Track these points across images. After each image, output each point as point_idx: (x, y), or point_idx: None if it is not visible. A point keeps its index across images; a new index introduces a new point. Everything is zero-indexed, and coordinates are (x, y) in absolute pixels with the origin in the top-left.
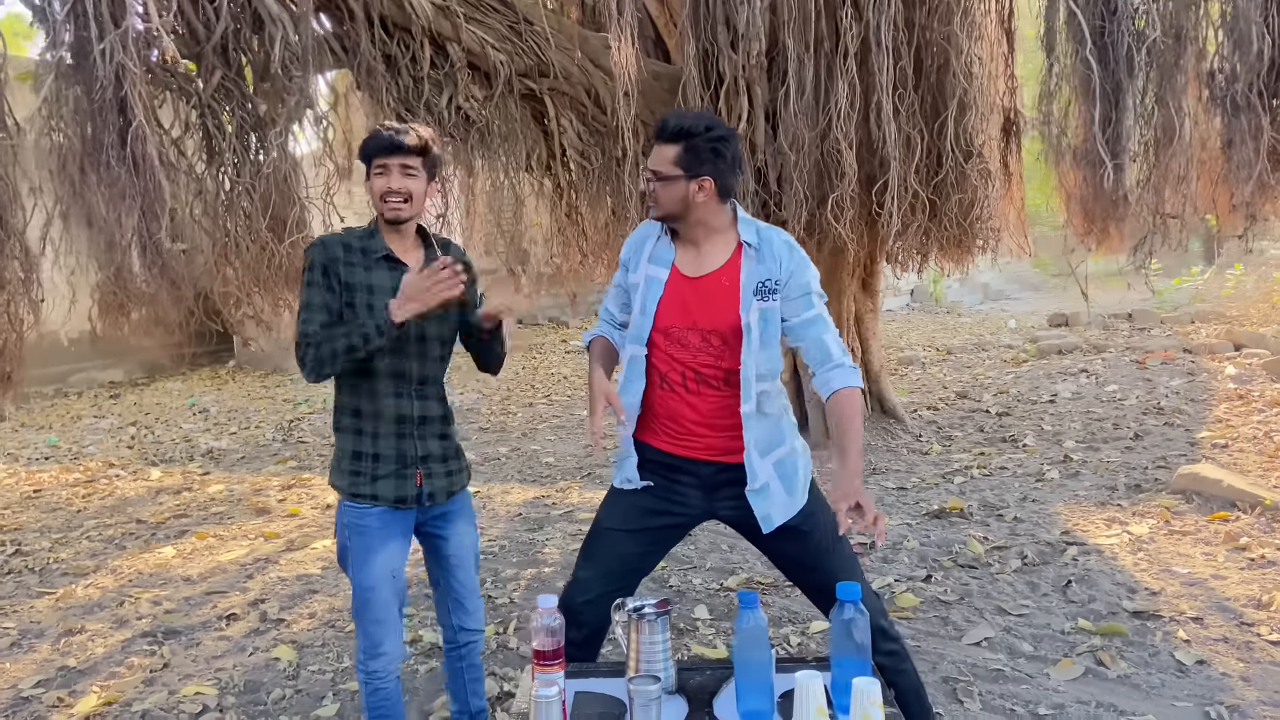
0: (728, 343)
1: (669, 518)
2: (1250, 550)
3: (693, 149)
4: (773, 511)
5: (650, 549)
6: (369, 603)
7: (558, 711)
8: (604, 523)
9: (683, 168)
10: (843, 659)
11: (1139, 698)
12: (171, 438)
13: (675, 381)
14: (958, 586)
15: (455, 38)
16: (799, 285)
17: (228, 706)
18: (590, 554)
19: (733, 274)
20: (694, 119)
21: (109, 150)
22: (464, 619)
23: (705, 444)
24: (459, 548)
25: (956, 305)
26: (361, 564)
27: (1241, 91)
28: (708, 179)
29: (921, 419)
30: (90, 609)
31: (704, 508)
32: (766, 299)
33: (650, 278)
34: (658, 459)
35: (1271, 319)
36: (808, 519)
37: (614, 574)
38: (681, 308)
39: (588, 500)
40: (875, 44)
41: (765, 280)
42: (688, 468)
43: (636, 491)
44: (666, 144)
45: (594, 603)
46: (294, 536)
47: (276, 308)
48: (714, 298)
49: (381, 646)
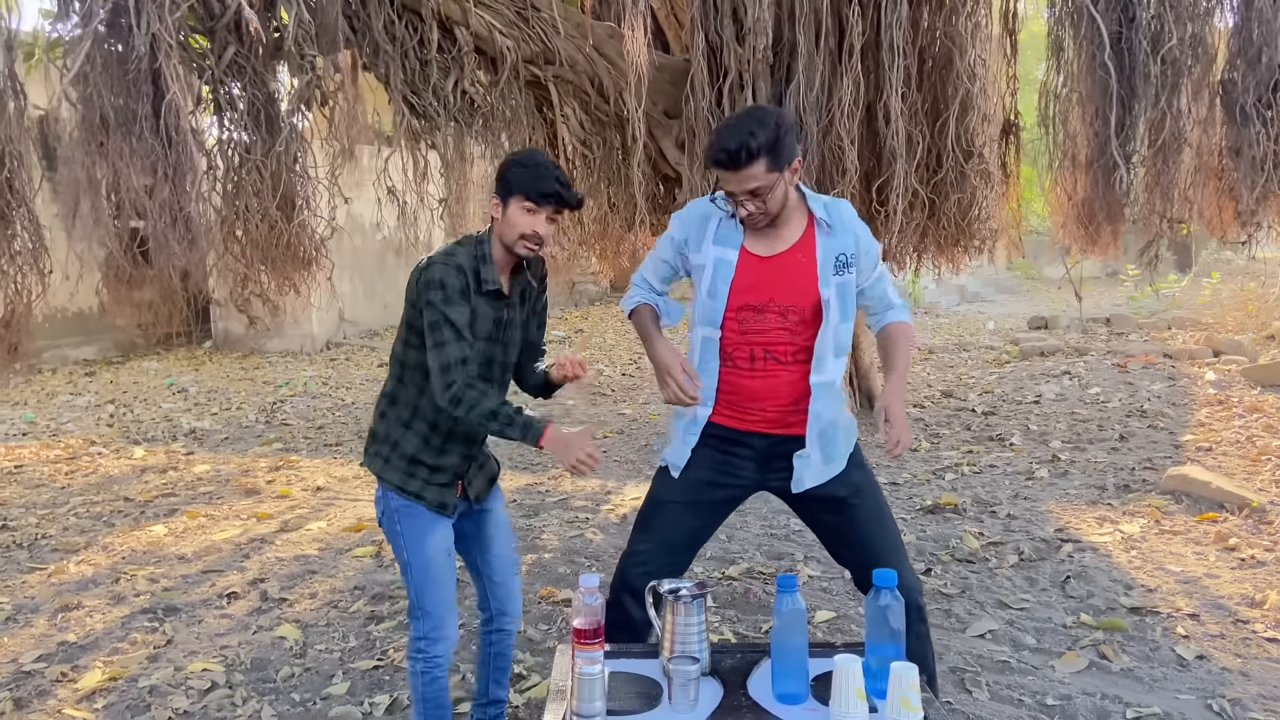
0: (806, 320)
1: (725, 490)
2: (1240, 550)
3: (775, 151)
4: (805, 475)
5: (707, 522)
6: (433, 580)
7: (601, 689)
8: (662, 495)
9: (776, 168)
10: (878, 644)
11: (1143, 690)
12: (152, 416)
13: (742, 359)
14: (957, 580)
15: (463, 22)
16: (871, 258)
17: (236, 684)
18: (648, 527)
19: (809, 250)
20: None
21: (142, 121)
22: (503, 599)
23: (764, 418)
24: (496, 531)
25: (935, 306)
26: (418, 545)
27: (1251, 101)
28: (797, 159)
29: (908, 416)
30: (84, 585)
31: (756, 479)
32: (843, 273)
33: (719, 259)
34: (715, 433)
35: (1247, 326)
36: (856, 493)
37: (674, 547)
38: (756, 287)
39: (581, 489)
40: (885, 43)
41: (841, 254)
42: (745, 440)
43: (694, 465)
44: (750, 165)
45: (652, 575)
46: (288, 518)
47: (282, 287)
48: (791, 275)
49: (445, 628)
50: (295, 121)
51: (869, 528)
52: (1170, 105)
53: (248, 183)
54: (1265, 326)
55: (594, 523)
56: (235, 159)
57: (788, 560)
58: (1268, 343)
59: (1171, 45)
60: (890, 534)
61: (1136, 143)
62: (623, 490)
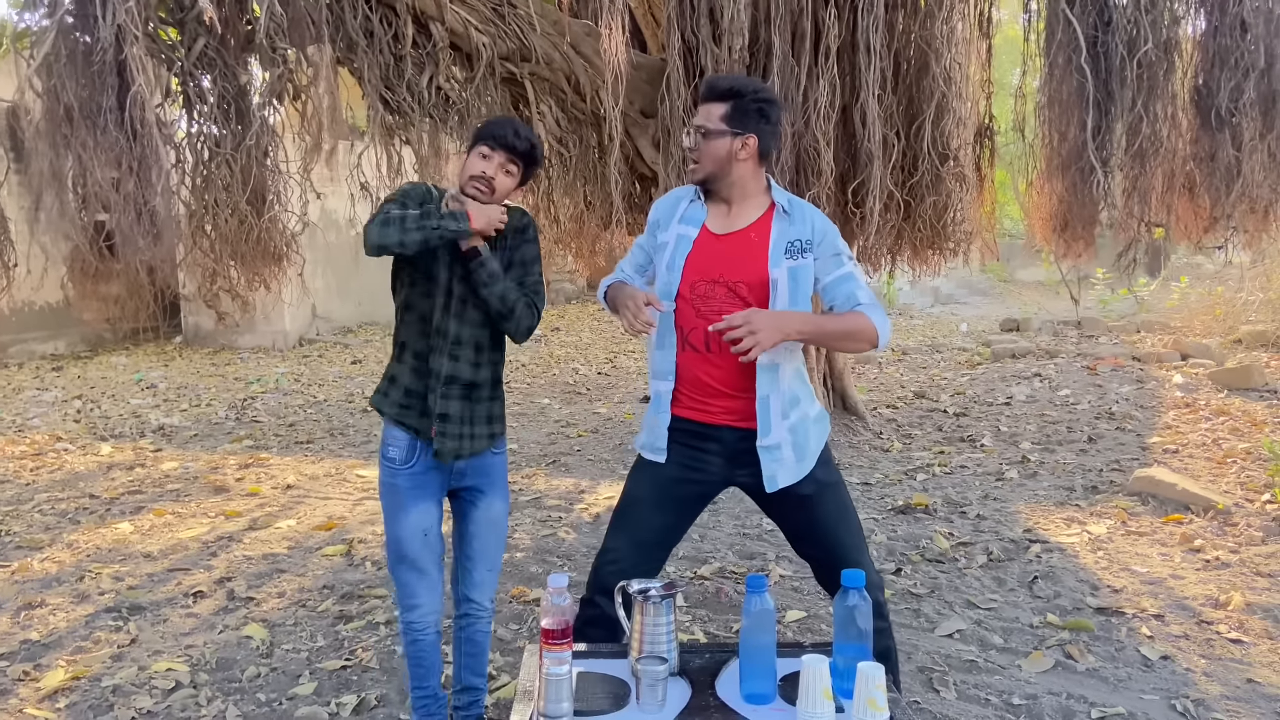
0: (754, 296)
1: (694, 486)
2: (1205, 552)
3: (741, 107)
4: (779, 473)
5: (678, 519)
6: (400, 555)
7: (568, 689)
8: (632, 493)
9: (729, 124)
10: (846, 644)
11: (1108, 690)
12: (120, 413)
13: (698, 342)
14: (927, 580)
15: (439, 17)
16: (831, 246)
17: (201, 683)
18: (620, 526)
19: (763, 231)
20: (744, 80)
21: (107, 114)
22: (469, 588)
23: (726, 408)
24: (484, 518)
25: (909, 307)
26: (392, 519)
27: (1224, 107)
28: (751, 136)
29: (881, 417)
30: (48, 583)
31: (724, 475)
32: (797, 258)
33: (680, 236)
34: (682, 427)
35: (1214, 330)
36: (820, 489)
37: (646, 545)
38: (708, 262)
39: (555, 487)
40: (862, 45)
41: (796, 240)
42: (712, 434)
43: (662, 463)
44: (715, 102)
45: (625, 574)
46: (256, 515)
47: (252, 283)
48: (742, 252)
49: (416, 598)
50: (266, 115)
51: (831, 525)
52: (1147, 109)
53: (217, 177)
54: (1232, 331)
55: (567, 521)
56: (205, 153)
57: (760, 560)
58: (1235, 346)
59: (1148, 49)
60: (853, 531)
61: (1113, 147)
62: (596, 489)
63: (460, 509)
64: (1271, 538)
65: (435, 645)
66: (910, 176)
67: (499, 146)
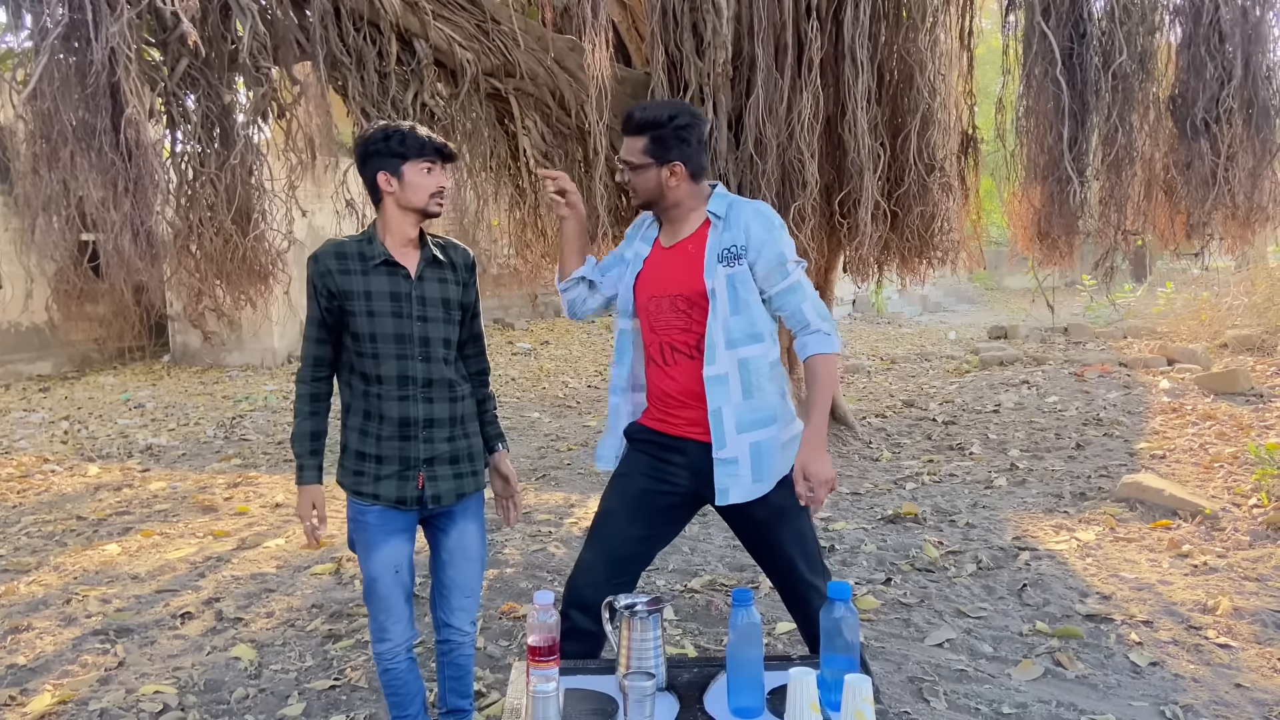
0: (695, 308)
1: (664, 498)
2: (1193, 557)
3: (659, 139)
4: (731, 488)
5: (654, 532)
6: (373, 592)
7: (555, 707)
8: (605, 506)
9: (653, 156)
10: (832, 656)
11: (1097, 697)
12: (107, 433)
13: (655, 356)
14: (917, 589)
15: (423, 34)
16: (772, 255)
17: (189, 706)
18: (594, 539)
19: (699, 242)
20: (657, 109)
21: (101, 135)
22: (449, 614)
23: (688, 419)
24: (457, 545)
25: (898, 316)
26: (365, 557)
27: (1199, 117)
28: (678, 164)
29: (870, 426)
30: (35, 606)
31: (692, 488)
32: (732, 265)
33: (637, 253)
34: (650, 438)
35: (1200, 335)
36: (774, 514)
37: (620, 558)
38: (656, 277)
39: (544, 502)
40: (848, 57)
41: (730, 247)
42: (676, 446)
43: (633, 474)
44: (634, 136)
45: (599, 587)
46: (245, 535)
47: (238, 302)
48: (682, 264)
49: (387, 632)
50: (250, 134)
51: (784, 548)
52: (1122, 120)
53: (202, 196)
54: (1218, 335)
55: (556, 537)
56: (189, 172)
57: (749, 572)
58: (1220, 351)
59: (1122, 60)
60: (809, 556)
61: (1089, 156)
62: (586, 504)
63: (434, 536)
64: (1259, 542)
65: (409, 671)
66: (897, 187)
67: (440, 158)
